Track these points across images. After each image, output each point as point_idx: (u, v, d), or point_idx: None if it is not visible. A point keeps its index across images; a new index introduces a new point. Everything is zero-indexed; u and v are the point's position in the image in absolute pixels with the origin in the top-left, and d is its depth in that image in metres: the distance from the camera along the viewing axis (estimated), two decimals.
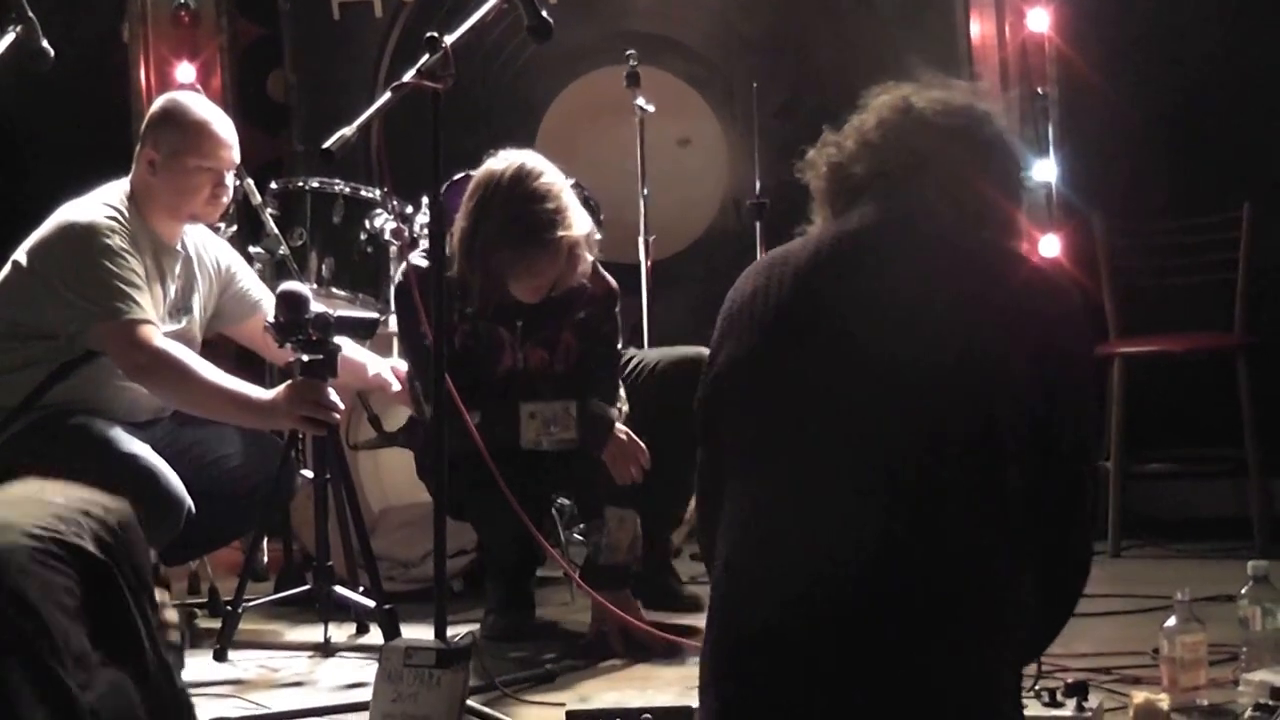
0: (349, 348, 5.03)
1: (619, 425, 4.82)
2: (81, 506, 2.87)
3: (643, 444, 4.79)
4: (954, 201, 2.91)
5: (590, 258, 4.84)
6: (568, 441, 4.81)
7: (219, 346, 5.66)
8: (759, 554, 2.82)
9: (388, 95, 4.04)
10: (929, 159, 2.92)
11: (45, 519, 2.78)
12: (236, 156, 5.03)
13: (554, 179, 4.74)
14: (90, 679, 2.72)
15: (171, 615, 3.11)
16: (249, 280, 5.27)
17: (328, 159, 3.95)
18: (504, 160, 4.77)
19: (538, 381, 4.92)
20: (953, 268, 2.85)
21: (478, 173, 4.80)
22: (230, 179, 5.01)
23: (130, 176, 5.04)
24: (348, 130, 4.00)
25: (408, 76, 4.02)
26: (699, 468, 3.05)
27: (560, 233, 4.67)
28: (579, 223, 4.74)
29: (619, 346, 5.06)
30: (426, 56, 4.02)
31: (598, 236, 4.93)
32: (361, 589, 4.99)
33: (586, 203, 5.01)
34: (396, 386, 5.22)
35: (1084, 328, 2.90)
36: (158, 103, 5.13)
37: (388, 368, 5.26)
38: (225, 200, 5.04)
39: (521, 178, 4.70)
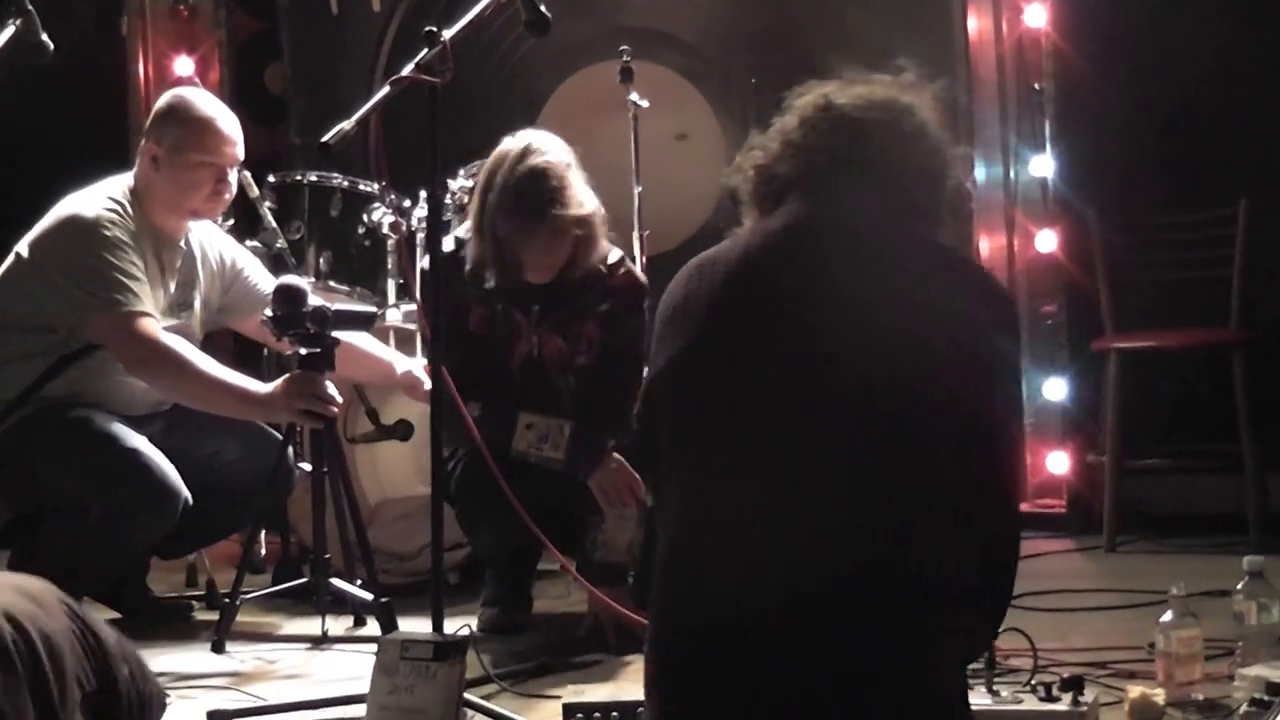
0: (373, 345, 5.08)
1: (615, 455, 4.80)
2: (124, 652, 2.90)
3: (637, 475, 4.73)
4: (878, 195, 2.92)
5: (613, 254, 4.93)
6: (555, 462, 4.83)
7: (217, 340, 5.68)
8: (690, 555, 2.84)
9: (386, 89, 4.04)
10: (851, 154, 2.92)
11: (93, 620, 2.85)
12: (240, 153, 5.04)
13: (558, 157, 4.79)
14: None
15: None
16: (257, 274, 5.27)
17: (325, 153, 3.96)
18: (514, 139, 4.85)
19: (555, 377, 4.94)
20: (878, 264, 2.86)
21: (493, 152, 4.88)
22: (233, 175, 5.02)
23: (133, 171, 5.04)
24: (346, 124, 4.00)
25: (406, 71, 4.01)
26: (643, 476, 3.09)
27: (557, 210, 4.72)
28: (581, 201, 4.78)
29: (642, 348, 4.95)
30: (425, 51, 4.03)
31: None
32: (358, 582, 5.00)
33: None
34: (428, 385, 5.19)
35: (1011, 322, 2.92)
36: (163, 98, 5.13)
37: (419, 366, 5.26)
38: (228, 197, 5.05)
39: (524, 155, 4.77)
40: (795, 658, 2.71)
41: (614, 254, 4.98)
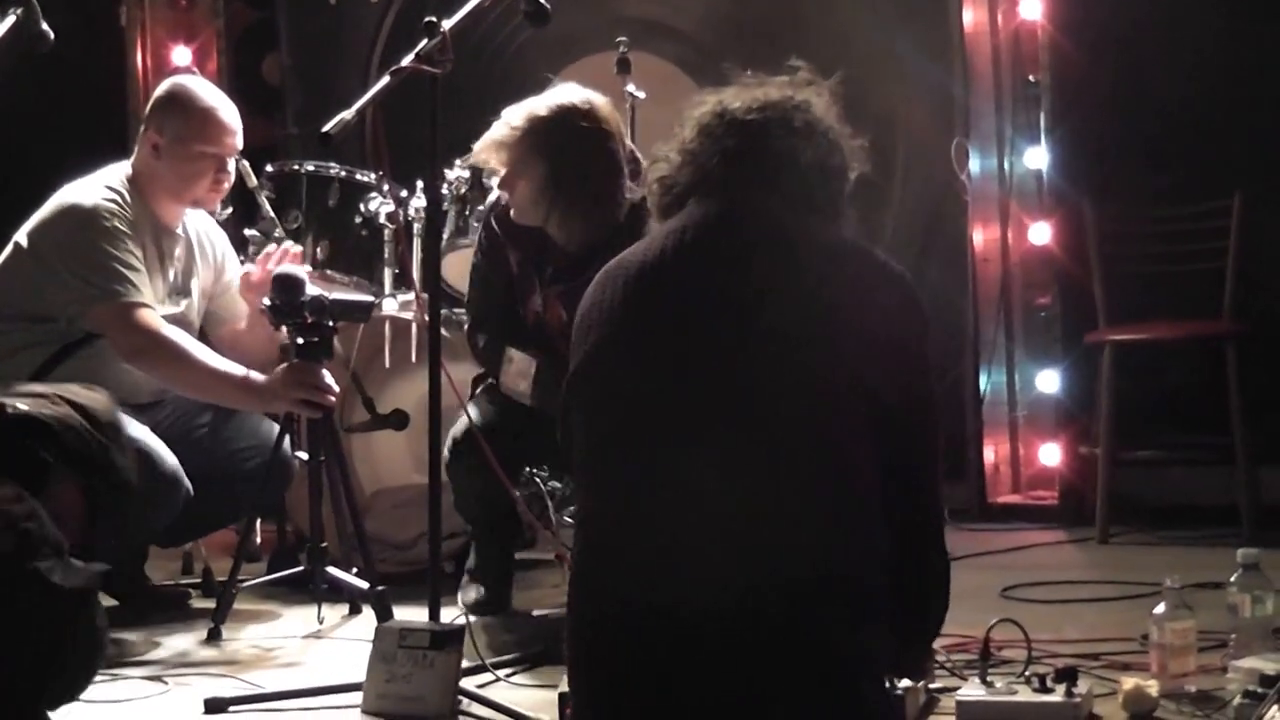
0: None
1: None
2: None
3: None
4: (774, 191, 2.98)
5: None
6: (524, 396, 4.87)
7: None
8: (600, 550, 2.91)
9: (386, 80, 4.06)
10: (744, 154, 2.98)
11: None
12: (240, 143, 5.06)
13: (529, 106, 4.81)
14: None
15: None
16: (237, 281, 5.30)
17: (326, 142, 3.98)
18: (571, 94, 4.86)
19: (558, 341, 4.97)
20: (773, 259, 2.92)
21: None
22: (232, 165, 5.04)
23: (132, 159, 5.06)
24: (347, 114, 4.02)
25: (406, 61, 4.03)
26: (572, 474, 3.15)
27: (498, 145, 4.78)
28: (519, 157, 4.77)
29: None
30: (425, 41, 4.04)
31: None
32: (354, 570, 5.01)
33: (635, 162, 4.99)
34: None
35: (914, 310, 2.97)
36: (163, 86, 5.14)
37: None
38: (227, 186, 5.08)
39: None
40: (707, 657, 2.76)
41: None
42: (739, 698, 2.76)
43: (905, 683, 3.64)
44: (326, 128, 3.99)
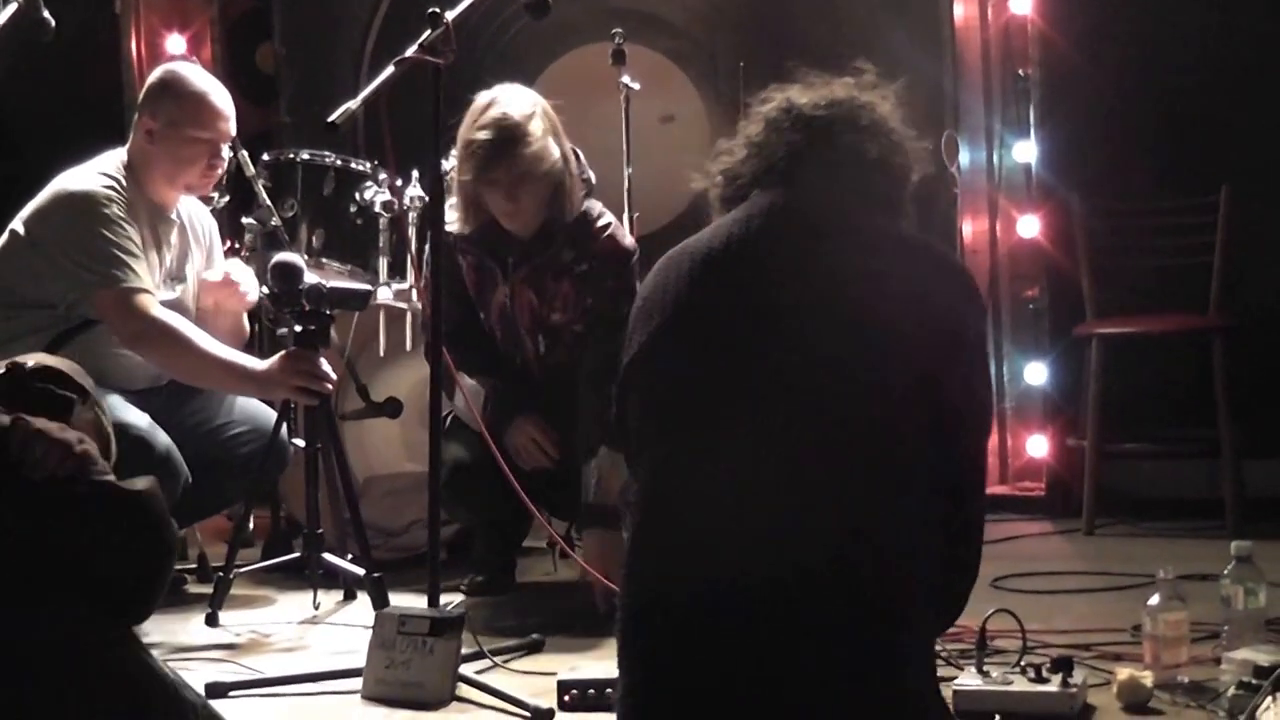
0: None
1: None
2: None
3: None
4: (837, 186, 3.01)
5: (603, 219, 5.02)
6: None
7: None
8: (659, 533, 2.91)
9: (390, 70, 4.08)
10: (810, 149, 3.02)
11: None
12: (233, 128, 5.07)
13: (517, 108, 4.90)
14: None
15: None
16: (220, 265, 5.32)
17: (332, 131, 4.00)
18: (484, 94, 4.99)
19: (523, 333, 5.09)
20: (839, 250, 2.94)
21: None
22: (226, 151, 5.05)
23: (127, 145, 5.07)
24: (352, 104, 4.05)
25: (410, 51, 4.06)
26: (625, 457, 3.16)
27: (519, 150, 4.85)
28: (540, 150, 4.89)
29: (624, 313, 5.03)
30: (429, 31, 4.07)
31: (588, 175, 5.09)
32: (349, 557, 5.04)
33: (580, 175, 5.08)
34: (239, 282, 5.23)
35: (975, 304, 3.00)
36: (157, 72, 5.15)
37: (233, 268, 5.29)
38: (219, 172, 5.09)
39: (486, 108, 4.91)
40: (761, 640, 2.77)
41: (603, 217, 5.06)
42: (792, 678, 2.77)
43: None
44: (332, 117, 4.02)
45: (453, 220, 5.00)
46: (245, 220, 5.55)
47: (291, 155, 5.78)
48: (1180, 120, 6.48)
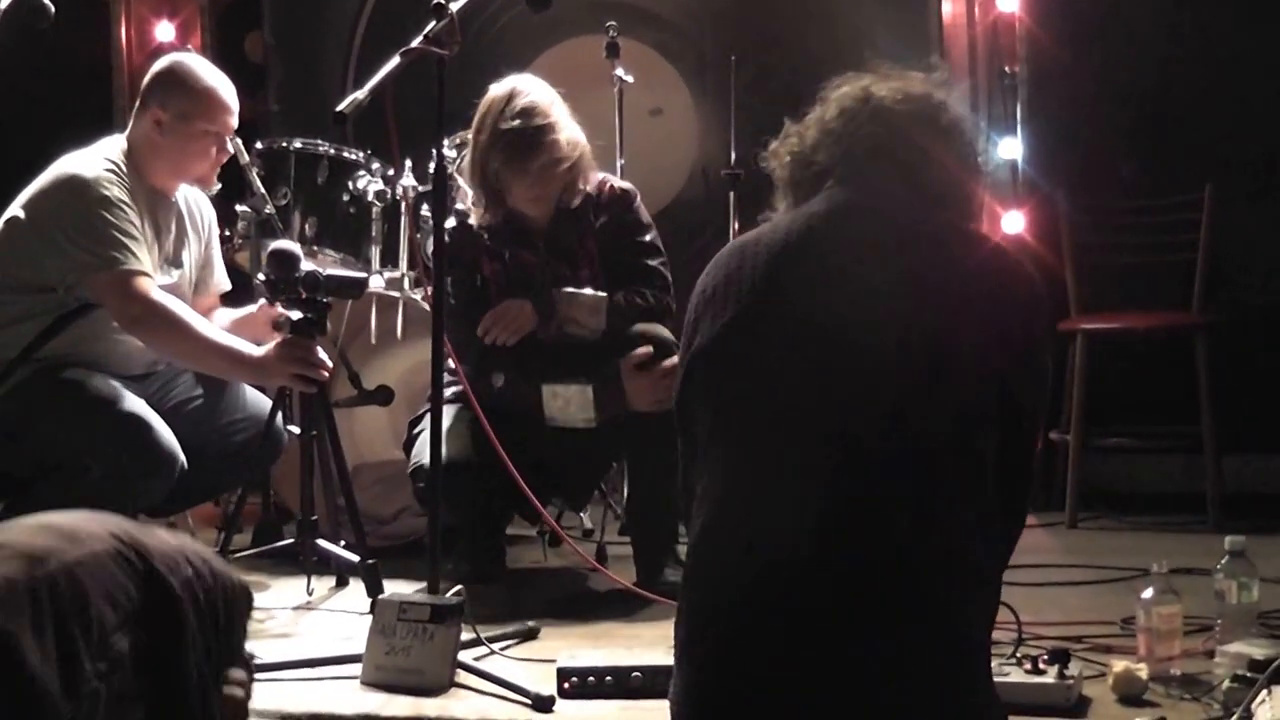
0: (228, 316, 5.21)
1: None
2: (188, 554, 2.89)
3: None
4: (916, 185, 3.01)
5: (596, 175, 5.16)
6: (586, 421, 4.99)
7: None
8: (729, 529, 2.90)
9: (396, 60, 4.10)
10: (890, 144, 3.01)
11: (142, 537, 2.84)
12: (236, 121, 5.09)
13: (543, 95, 5.05)
14: (106, 668, 2.74)
15: (237, 694, 3.04)
16: (217, 259, 5.35)
17: (340, 121, 4.02)
18: (500, 85, 5.09)
19: (562, 283, 5.13)
20: (915, 250, 2.94)
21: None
22: (229, 143, 5.07)
23: (128, 133, 5.07)
24: (359, 93, 4.06)
25: (415, 42, 4.08)
26: (681, 450, 3.13)
27: (548, 138, 4.98)
28: (566, 132, 5.03)
29: (650, 236, 5.24)
30: (434, 22, 4.09)
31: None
32: (342, 544, 5.05)
33: None
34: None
35: (1041, 306, 3.00)
36: (164, 62, 5.13)
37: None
38: (221, 163, 5.10)
39: (512, 96, 5.02)
40: (827, 641, 2.78)
41: (596, 176, 5.21)
42: (854, 676, 2.79)
43: None
44: (340, 107, 4.03)
45: (471, 213, 5.05)
46: (239, 208, 5.55)
47: (285, 144, 5.79)
48: (1165, 119, 6.54)
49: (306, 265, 4.88)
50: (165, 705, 2.79)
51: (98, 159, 4.94)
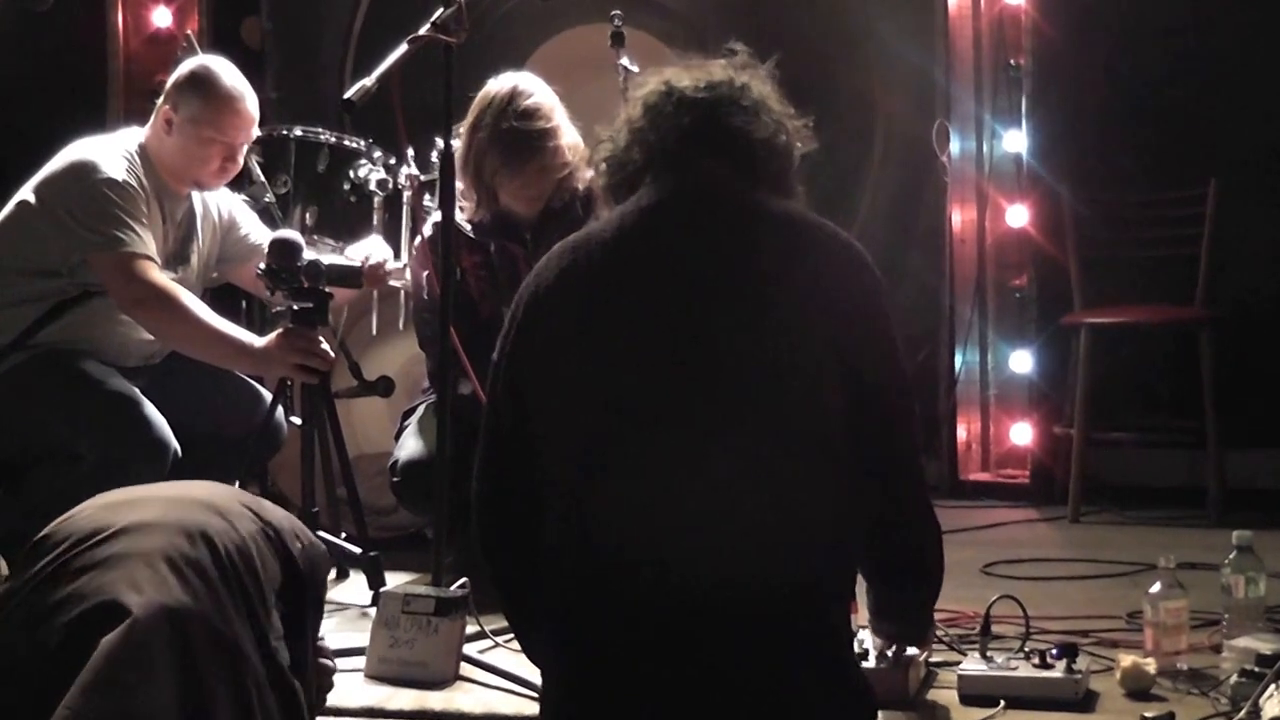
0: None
1: None
2: (293, 525, 3.12)
3: None
4: (730, 167, 3.03)
5: (587, 173, 4.98)
6: None
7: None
8: (591, 539, 2.90)
9: (404, 47, 4.08)
10: (699, 130, 3.03)
11: (264, 511, 3.05)
12: (253, 134, 5.07)
13: (545, 97, 4.98)
14: (279, 649, 2.95)
15: (329, 664, 3.36)
16: (250, 225, 5.29)
17: (349, 109, 3.99)
18: (499, 81, 5.02)
19: None
20: (747, 229, 2.97)
21: (479, 94, 5.02)
22: (241, 155, 5.03)
23: (147, 127, 5.04)
24: (367, 80, 4.04)
25: (423, 30, 4.05)
26: (482, 444, 3.13)
27: (550, 143, 4.92)
28: (567, 138, 4.97)
29: None
30: (441, 10, 4.06)
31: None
32: (342, 535, 5.02)
33: None
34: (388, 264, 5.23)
35: (866, 272, 3.01)
36: (190, 63, 5.09)
37: (374, 251, 5.27)
38: (232, 174, 5.07)
39: (513, 96, 4.94)
40: (686, 649, 2.79)
41: (588, 174, 5.12)
42: (736, 688, 2.80)
43: (911, 651, 3.72)
44: (348, 94, 4.01)
45: (461, 210, 5.01)
46: (239, 196, 5.51)
47: (285, 131, 5.74)
48: (1170, 112, 6.51)
49: (308, 254, 4.86)
50: (298, 674, 3.00)
51: (113, 146, 4.92)
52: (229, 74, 5.05)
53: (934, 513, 3.14)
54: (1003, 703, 3.68)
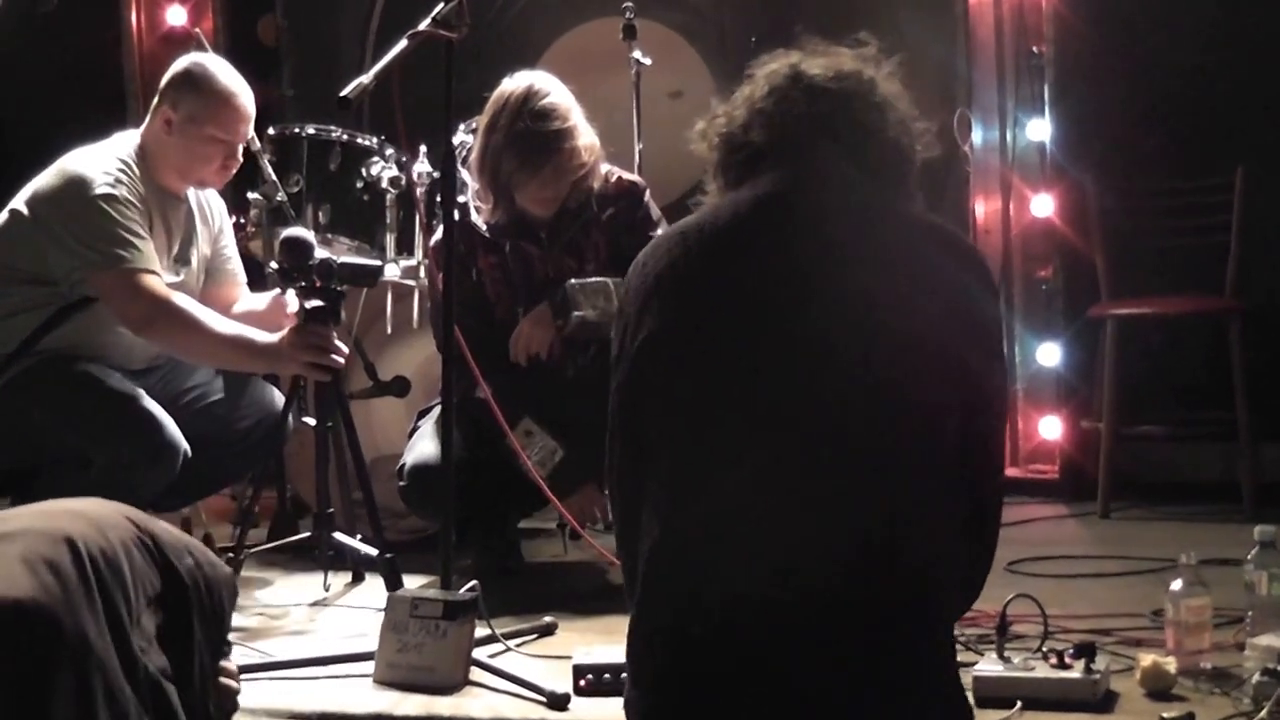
0: (253, 301, 5.16)
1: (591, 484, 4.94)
2: (185, 543, 3.13)
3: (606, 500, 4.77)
4: (857, 163, 2.93)
5: (603, 169, 5.04)
6: (535, 474, 4.87)
7: None
8: (699, 531, 2.81)
9: (404, 44, 4.02)
10: (827, 123, 2.94)
11: (148, 525, 3.05)
12: (251, 130, 5.04)
13: (561, 98, 4.94)
14: (149, 651, 2.94)
15: (233, 685, 3.30)
16: (232, 250, 5.28)
17: (345, 107, 3.94)
18: (514, 80, 4.98)
19: (569, 276, 5.03)
20: (865, 231, 2.87)
21: (493, 93, 4.98)
22: (241, 151, 5.00)
23: (142, 130, 5.02)
24: (365, 78, 3.99)
25: (423, 25, 4.00)
26: (614, 452, 3.02)
27: (567, 144, 4.88)
28: (584, 138, 4.93)
29: (659, 232, 5.08)
30: (442, 5, 4.01)
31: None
32: (359, 537, 4.98)
33: None
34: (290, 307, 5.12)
35: (992, 287, 2.95)
36: (183, 62, 5.06)
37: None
38: (233, 171, 5.04)
39: (529, 96, 4.90)
40: (801, 649, 2.72)
41: (611, 170, 5.13)
42: (826, 687, 2.73)
43: None
44: (344, 91, 3.95)
45: (478, 211, 4.97)
46: (250, 195, 5.50)
47: (297, 130, 5.72)
48: (1196, 100, 6.44)
49: (320, 252, 4.82)
50: (179, 689, 3.00)
51: (106, 156, 4.88)
52: (224, 71, 5.03)
53: (996, 540, 3.05)
54: (1019, 704, 3.62)
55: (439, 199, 5.23)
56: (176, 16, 7.28)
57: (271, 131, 5.67)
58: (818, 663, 2.71)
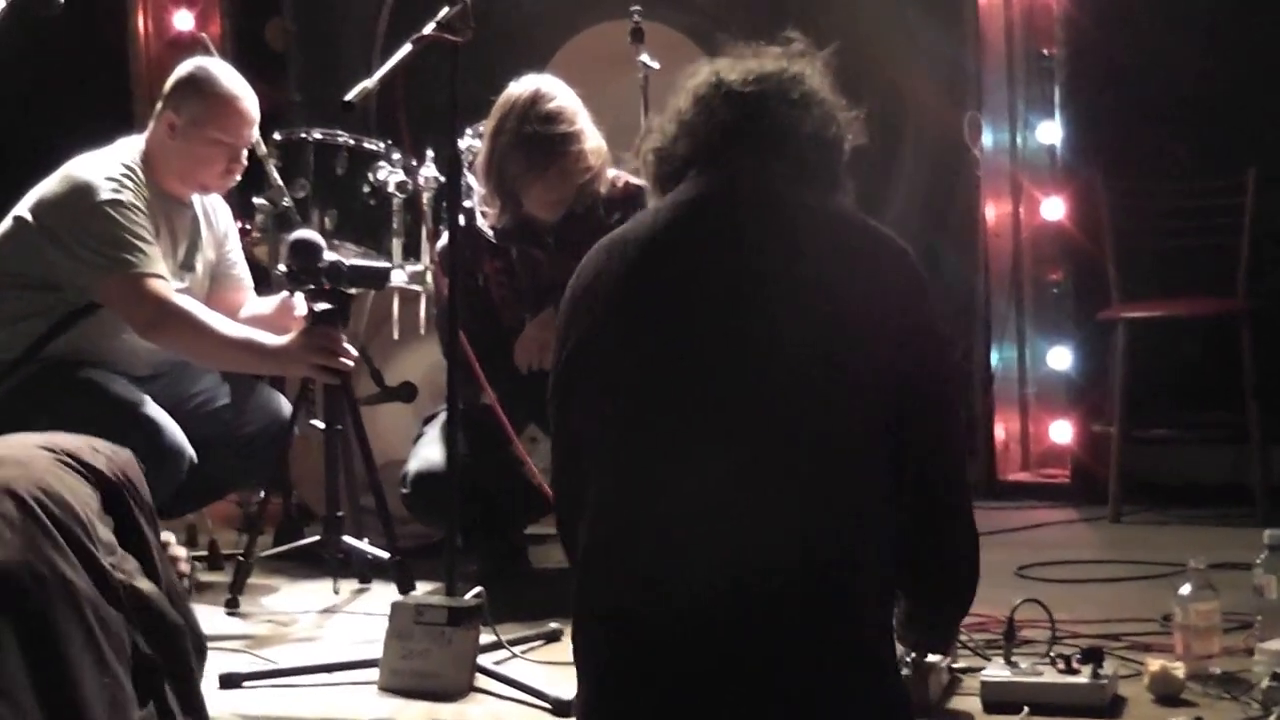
0: (258, 306, 5.16)
1: None
2: (89, 443, 3.20)
3: None
4: (774, 164, 2.95)
5: (609, 173, 5.03)
6: (542, 473, 4.78)
7: None
8: (621, 538, 2.83)
9: (407, 48, 4.04)
10: (744, 127, 2.96)
11: (56, 443, 3.12)
12: (256, 134, 5.04)
13: (568, 101, 4.94)
14: (119, 564, 3.00)
15: (179, 551, 3.50)
16: (237, 255, 5.29)
17: (348, 110, 3.94)
18: (520, 84, 4.98)
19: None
20: (787, 230, 2.89)
21: (500, 97, 4.98)
22: (245, 155, 4.99)
23: (146, 134, 5.02)
24: (369, 82, 4.00)
25: (427, 29, 4.00)
26: (554, 458, 3.08)
27: (573, 147, 4.89)
28: (590, 142, 4.94)
29: None
30: (446, 9, 4.01)
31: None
32: (367, 541, 4.97)
33: None
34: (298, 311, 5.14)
35: (921, 284, 2.92)
36: (186, 66, 5.06)
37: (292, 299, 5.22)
38: (238, 176, 5.04)
39: (535, 99, 4.90)
40: (727, 646, 2.73)
41: (616, 175, 5.10)
42: (757, 685, 2.73)
43: (933, 658, 3.63)
44: (348, 96, 3.96)
45: (484, 215, 4.96)
46: (256, 200, 5.48)
47: (303, 134, 5.70)
48: (1207, 101, 6.39)
49: (329, 255, 4.82)
50: (149, 576, 3.07)
51: (110, 162, 4.89)
52: (227, 74, 5.03)
53: (975, 530, 3.04)
54: (1026, 709, 3.61)
55: (445, 204, 5.27)
56: (184, 21, 7.27)
57: (278, 136, 5.65)
58: (754, 655, 2.72)
